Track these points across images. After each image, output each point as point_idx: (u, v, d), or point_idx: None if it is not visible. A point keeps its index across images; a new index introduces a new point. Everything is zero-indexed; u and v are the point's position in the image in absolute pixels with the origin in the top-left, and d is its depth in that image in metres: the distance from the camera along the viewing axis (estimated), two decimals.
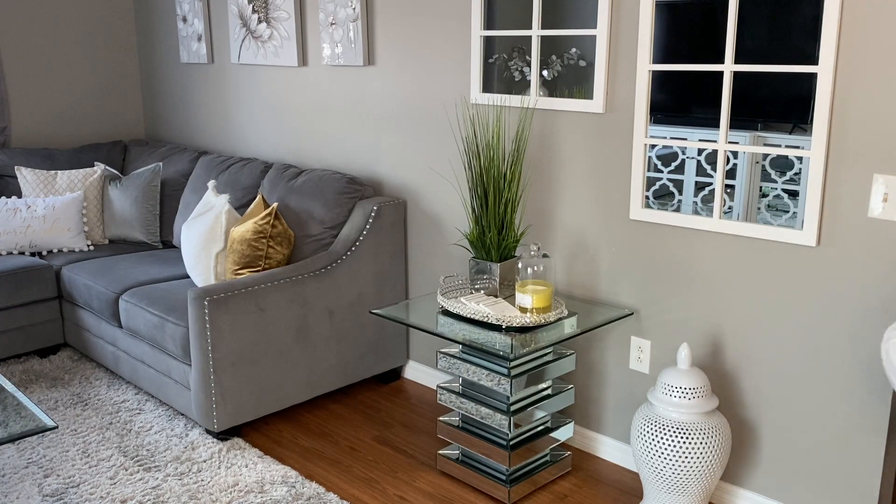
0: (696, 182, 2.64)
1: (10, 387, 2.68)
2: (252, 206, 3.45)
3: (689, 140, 2.61)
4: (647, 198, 2.74)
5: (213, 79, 4.50)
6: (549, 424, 2.84)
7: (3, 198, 4.07)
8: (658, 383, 2.52)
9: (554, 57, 2.92)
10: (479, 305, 2.67)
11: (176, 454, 3.04)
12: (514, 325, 2.59)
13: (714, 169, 2.56)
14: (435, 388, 3.63)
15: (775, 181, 2.45)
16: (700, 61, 2.53)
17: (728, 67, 2.45)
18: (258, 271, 3.27)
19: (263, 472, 2.91)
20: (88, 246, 4.16)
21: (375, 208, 3.41)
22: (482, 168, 2.77)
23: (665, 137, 2.66)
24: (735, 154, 2.52)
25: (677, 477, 2.45)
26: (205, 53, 4.46)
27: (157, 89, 4.99)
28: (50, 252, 4.10)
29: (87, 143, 4.92)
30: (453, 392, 2.81)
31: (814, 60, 2.27)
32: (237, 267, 3.29)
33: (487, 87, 3.14)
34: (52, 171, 4.24)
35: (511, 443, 2.69)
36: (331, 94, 3.82)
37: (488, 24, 3.09)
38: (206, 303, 2.96)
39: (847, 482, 2.43)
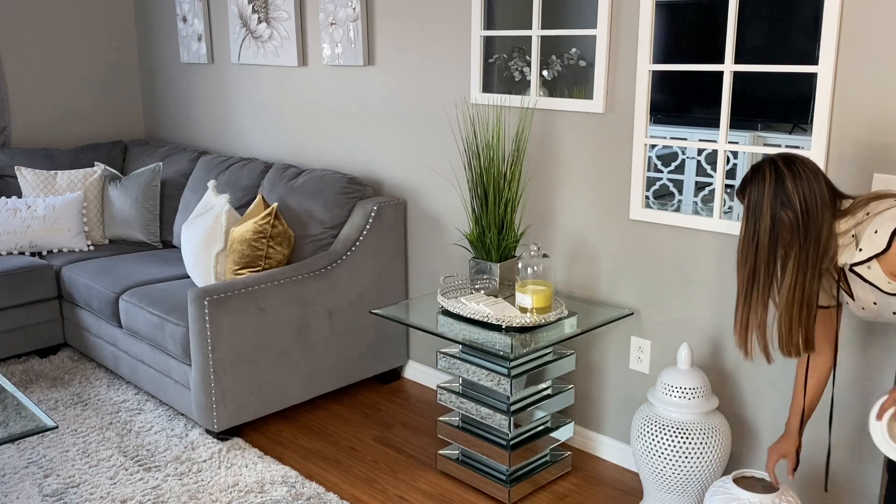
0: (696, 182, 2.64)
1: (10, 387, 2.68)
2: (252, 206, 3.45)
3: (689, 140, 2.61)
4: (647, 198, 2.74)
5: (213, 79, 4.50)
6: (549, 424, 2.84)
7: (3, 198, 4.07)
8: (658, 383, 2.52)
9: (554, 57, 2.92)
10: (479, 305, 2.67)
11: (176, 454, 3.04)
12: (514, 325, 2.59)
13: (714, 169, 2.56)
14: (435, 388, 3.63)
15: None
16: (700, 61, 2.53)
17: (728, 67, 2.46)
18: (258, 271, 3.27)
19: (263, 472, 2.91)
20: (88, 246, 4.16)
21: (375, 208, 3.41)
22: (482, 168, 2.76)
23: (665, 137, 2.66)
24: (735, 154, 2.52)
25: (677, 477, 2.45)
26: (205, 53, 4.46)
27: (157, 89, 4.99)
28: (50, 252, 4.10)
29: (87, 143, 4.92)
30: (453, 392, 2.81)
31: (814, 60, 2.27)
32: (237, 267, 3.29)
33: (487, 87, 3.14)
34: (52, 171, 4.24)
35: (511, 443, 2.69)
36: (331, 94, 3.82)
37: (488, 24, 3.09)
38: (206, 303, 2.96)
39: (847, 482, 2.43)
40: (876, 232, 1.82)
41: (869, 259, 1.84)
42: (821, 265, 1.90)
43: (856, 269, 1.88)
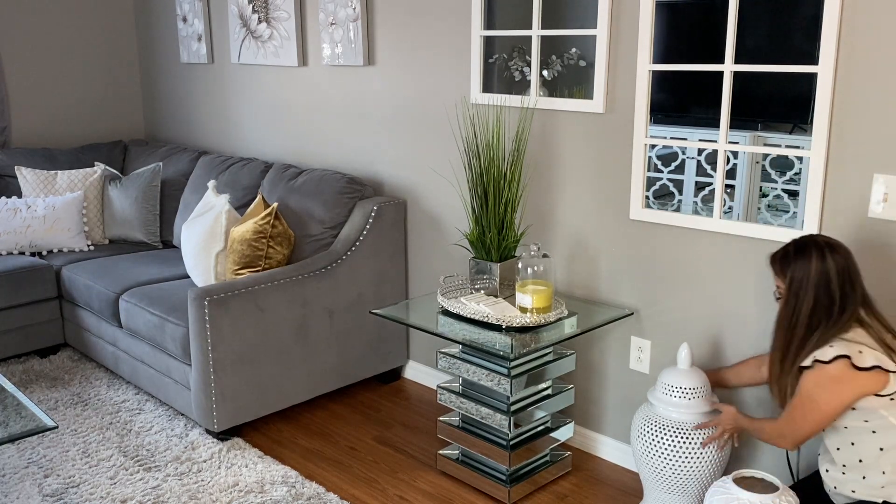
0: (696, 182, 2.64)
1: (10, 387, 2.69)
2: (252, 206, 3.45)
3: (689, 140, 2.61)
4: (647, 198, 2.74)
5: (213, 79, 4.50)
6: (549, 424, 2.84)
7: (3, 198, 4.07)
8: (658, 383, 2.52)
9: (554, 57, 2.92)
10: (479, 305, 2.67)
11: (176, 454, 3.03)
12: (515, 325, 2.59)
13: (714, 169, 2.56)
14: (435, 388, 3.63)
15: (775, 181, 2.45)
16: (700, 61, 2.53)
17: (728, 67, 2.45)
18: (258, 271, 3.27)
19: (263, 472, 2.91)
20: (88, 246, 4.16)
21: (375, 208, 3.41)
22: (482, 168, 2.76)
23: (665, 137, 2.66)
24: (735, 154, 2.52)
25: (677, 477, 2.45)
26: (205, 53, 4.46)
27: (157, 89, 4.99)
28: (50, 252, 4.10)
29: (87, 143, 4.92)
30: (453, 392, 2.81)
31: (814, 60, 2.27)
32: (237, 267, 3.29)
33: (487, 87, 3.14)
34: (52, 171, 4.24)
35: (511, 443, 2.69)
36: (331, 94, 3.82)
37: (488, 24, 3.09)
38: (206, 303, 2.96)
39: None
40: (831, 346, 1.95)
41: (812, 364, 1.98)
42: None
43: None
